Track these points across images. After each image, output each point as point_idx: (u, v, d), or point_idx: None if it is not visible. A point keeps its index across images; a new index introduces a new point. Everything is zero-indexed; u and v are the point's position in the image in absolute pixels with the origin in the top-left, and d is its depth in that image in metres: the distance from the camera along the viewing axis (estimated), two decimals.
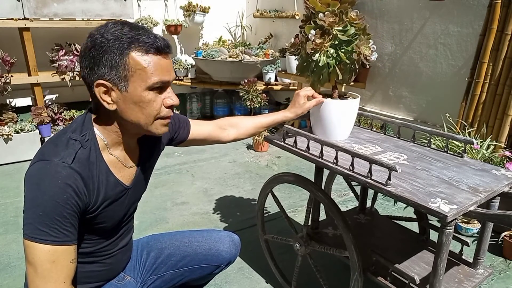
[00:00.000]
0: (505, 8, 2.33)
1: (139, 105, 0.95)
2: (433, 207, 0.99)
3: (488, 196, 1.07)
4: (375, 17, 3.30)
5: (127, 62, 0.91)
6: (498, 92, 2.36)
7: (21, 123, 3.25)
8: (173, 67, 0.99)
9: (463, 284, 1.26)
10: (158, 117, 0.98)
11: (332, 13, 1.28)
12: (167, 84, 0.97)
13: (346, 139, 1.50)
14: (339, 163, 1.24)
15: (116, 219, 1.08)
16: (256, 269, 1.86)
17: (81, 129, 0.99)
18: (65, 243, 0.90)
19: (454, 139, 1.38)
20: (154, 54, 0.93)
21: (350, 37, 1.31)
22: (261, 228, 1.74)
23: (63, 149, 0.93)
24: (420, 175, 1.19)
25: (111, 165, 1.02)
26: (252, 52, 4.12)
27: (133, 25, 0.96)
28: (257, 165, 3.13)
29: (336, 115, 1.40)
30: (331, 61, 1.32)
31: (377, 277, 1.31)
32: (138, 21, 4.07)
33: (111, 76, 0.92)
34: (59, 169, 0.89)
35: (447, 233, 1.02)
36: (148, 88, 0.94)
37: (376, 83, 3.39)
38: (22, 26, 3.23)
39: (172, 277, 1.30)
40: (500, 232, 1.99)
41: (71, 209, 0.90)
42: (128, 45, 0.91)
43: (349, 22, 1.31)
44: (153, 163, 1.21)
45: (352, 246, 1.27)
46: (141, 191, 1.19)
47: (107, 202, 1.01)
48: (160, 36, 0.96)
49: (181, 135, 1.31)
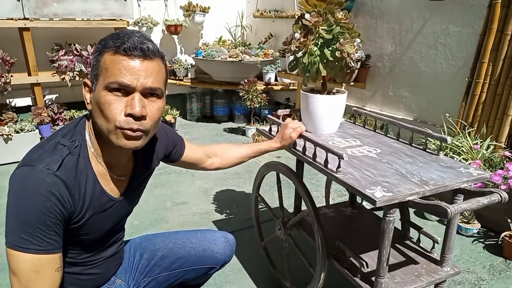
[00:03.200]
0: (505, 8, 2.33)
1: (98, 106, 0.89)
2: (367, 193, 1.05)
3: (437, 189, 1.09)
4: (375, 17, 3.30)
5: (100, 61, 0.90)
6: (498, 92, 2.36)
7: (21, 123, 3.25)
8: (153, 74, 0.90)
9: (421, 277, 1.27)
10: (117, 125, 0.89)
11: (317, 14, 1.35)
12: (128, 88, 0.88)
13: (334, 133, 1.57)
14: (306, 153, 1.34)
15: (102, 231, 1.04)
16: (256, 269, 1.86)
17: (72, 134, 0.95)
18: (49, 252, 0.87)
19: (430, 136, 1.40)
20: (122, 54, 0.87)
21: (334, 36, 1.37)
22: (255, 209, 1.75)
23: (50, 154, 0.89)
24: (380, 167, 1.24)
25: (99, 175, 0.98)
26: (252, 52, 4.12)
27: (130, 30, 0.93)
28: (257, 165, 3.13)
29: (323, 109, 1.49)
30: (315, 59, 1.39)
31: (338, 262, 1.38)
32: (138, 21, 4.07)
33: (91, 75, 0.92)
34: (43, 176, 0.85)
35: (387, 220, 1.09)
36: (106, 88, 0.88)
37: (376, 83, 3.39)
38: (22, 26, 3.24)
39: (166, 278, 1.28)
40: (500, 232, 1.99)
41: (55, 218, 0.86)
42: (104, 45, 0.90)
43: (335, 22, 1.37)
44: (146, 178, 1.18)
45: (318, 232, 1.35)
46: (132, 204, 1.15)
47: (92, 212, 0.97)
48: (145, 40, 0.90)
49: (175, 154, 1.29)
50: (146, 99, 0.91)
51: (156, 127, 0.98)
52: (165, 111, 3.85)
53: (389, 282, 1.24)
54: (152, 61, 0.90)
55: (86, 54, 3.49)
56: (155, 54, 0.91)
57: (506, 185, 1.95)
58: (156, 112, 0.93)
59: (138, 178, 1.11)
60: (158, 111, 0.94)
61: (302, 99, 1.53)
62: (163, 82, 0.95)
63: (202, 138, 3.90)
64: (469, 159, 2.18)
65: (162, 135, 1.21)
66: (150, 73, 0.90)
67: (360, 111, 1.73)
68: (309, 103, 1.48)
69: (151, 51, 0.90)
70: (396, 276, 1.28)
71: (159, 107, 0.94)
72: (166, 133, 1.24)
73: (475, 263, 1.91)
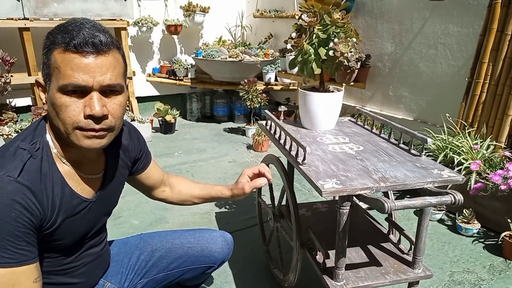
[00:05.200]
0: (505, 8, 2.33)
1: (54, 109, 0.83)
2: (318, 184, 1.11)
3: (394, 187, 1.13)
4: (375, 17, 3.30)
5: (51, 59, 0.83)
6: (498, 92, 2.36)
7: (21, 123, 3.25)
8: (110, 69, 0.83)
9: (386, 276, 1.28)
10: (76, 127, 0.83)
11: (313, 14, 1.38)
12: (84, 88, 0.81)
13: (329, 130, 1.62)
14: (286, 146, 1.39)
15: (77, 235, 0.98)
16: (257, 269, 1.86)
17: (32, 137, 0.89)
18: (23, 263, 0.81)
19: (414, 137, 1.40)
20: (72, 52, 0.80)
21: (328, 36, 1.40)
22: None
23: (10, 160, 0.83)
24: (350, 163, 1.28)
25: (67, 176, 0.92)
26: (252, 52, 4.12)
27: (79, 20, 0.85)
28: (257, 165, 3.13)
29: (319, 107, 1.54)
30: (310, 58, 1.43)
31: (309, 253, 1.42)
32: (138, 21, 4.07)
33: (43, 74, 0.87)
34: (4, 184, 0.79)
35: (341, 212, 1.15)
36: (60, 91, 0.81)
37: (376, 83, 3.39)
38: (22, 26, 3.24)
39: (164, 278, 1.27)
40: (500, 232, 1.99)
41: (23, 227, 0.80)
42: (53, 41, 0.83)
43: (331, 22, 1.39)
44: (122, 176, 1.11)
45: (294, 223, 1.41)
46: (109, 205, 1.09)
47: (63, 216, 0.90)
48: (96, 32, 0.82)
49: (141, 164, 1.21)
50: (105, 97, 0.85)
51: (121, 123, 0.92)
52: (164, 111, 3.84)
53: (350, 275, 1.28)
54: (107, 56, 0.83)
55: None
56: (109, 47, 0.83)
57: (506, 185, 1.95)
58: (118, 108, 0.87)
59: (112, 175, 1.05)
60: (120, 107, 0.88)
61: (300, 97, 1.57)
62: (121, 76, 0.88)
63: (202, 138, 3.90)
64: (469, 159, 2.18)
65: (135, 138, 1.17)
66: (106, 69, 0.83)
67: (362, 110, 1.74)
68: (306, 100, 1.53)
69: (104, 44, 0.82)
70: (361, 271, 1.31)
71: (120, 102, 0.88)
72: (138, 138, 1.19)
73: (475, 263, 1.91)
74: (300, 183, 2.78)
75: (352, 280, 1.26)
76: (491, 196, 2.05)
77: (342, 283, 1.23)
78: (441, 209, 2.30)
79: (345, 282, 1.24)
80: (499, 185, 1.97)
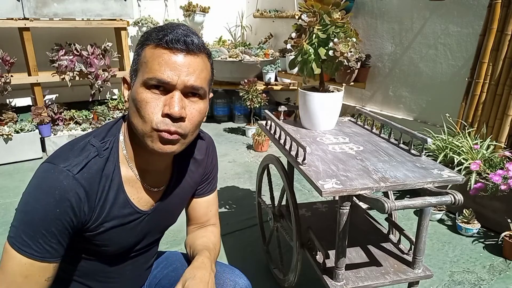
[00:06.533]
0: (505, 8, 2.33)
1: (135, 105, 0.82)
2: (318, 184, 1.11)
3: (394, 187, 1.13)
4: (375, 17, 3.30)
5: (141, 55, 0.82)
6: (498, 92, 2.36)
7: (21, 123, 3.24)
8: (196, 71, 0.81)
9: (386, 276, 1.28)
10: (153, 127, 0.80)
11: (313, 14, 1.38)
12: (167, 85, 0.79)
13: (329, 130, 1.62)
14: (286, 146, 1.39)
15: (122, 245, 0.93)
16: (256, 269, 1.86)
17: (105, 135, 0.87)
18: (44, 260, 0.79)
19: (414, 137, 1.41)
20: (163, 48, 0.79)
21: (328, 36, 1.40)
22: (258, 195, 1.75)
23: (76, 154, 0.81)
24: (350, 163, 1.27)
25: (127, 182, 0.88)
26: (252, 52, 4.12)
27: (177, 23, 0.85)
28: (257, 165, 3.13)
29: (319, 107, 1.54)
30: (310, 58, 1.43)
31: (309, 252, 1.42)
32: (138, 21, 4.07)
33: (130, 71, 0.86)
34: (61, 178, 0.77)
35: (341, 212, 1.15)
36: (144, 85, 0.80)
37: (376, 83, 3.39)
38: (22, 26, 3.23)
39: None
40: (500, 232, 1.99)
41: (62, 226, 0.78)
42: (147, 37, 0.82)
43: (331, 22, 1.39)
44: (186, 194, 1.03)
45: (294, 223, 1.41)
46: (165, 221, 1.02)
47: (112, 223, 0.87)
48: (189, 33, 0.81)
49: (202, 188, 1.09)
50: (186, 99, 0.82)
51: (196, 131, 0.87)
52: None
53: (350, 275, 1.28)
54: (196, 57, 0.81)
55: (86, 54, 3.49)
56: (199, 49, 0.82)
57: (506, 185, 1.95)
58: (196, 114, 0.83)
59: (175, 191, 0.98)
60: (199, 114, 0.84)
61: (300, 97, 1.57)
62: (207, 82, 0.85)
63: None
64: (469, 159, 2.18)
65: (210, 155, 1.08)
66: (192, 70, 0.80)
67: (362, 110, 1.75)
68: (306, 100, 1.54)
69: (195, 45, 0.81)
70: (361, 271, 1.31)
71: (200, 109, 0.84)
72: (213, 158, 1.09)
73: (475, 263, 1.91)
74: (300, 183, 2.78)
75: (352, 280, 1.26)
76: (491, 196, 2.05)
77: (342, 283, 1.23)
78: (441, 209, 2.30)
79: (345, 282, 1.24)
80: (499, 185, 1.97)
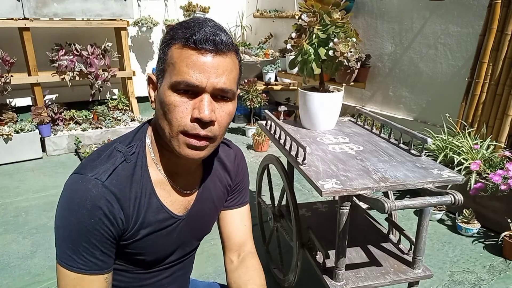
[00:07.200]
0: (505, 8, 2.33)
1: (162, 108, 0.78)
2: (318, 184, 1.11)
3: (394, 187, 1.13)
4: (375, 17, 3.30)
5: (167, 54, 0.78)
6: (498, 92, 2.36)
7: (21, 123, 3.25)
8: (226, 73, 0.78)
9: (386, 276, 1.29)
10: (181, 130, 0.77)
11: (313, 14, 1.39)
12: (196, 88, 0.75)
13: (329, 130, 1.62)
14: (286, 146, 1.40)
15: (159, 254, 0.89)
16: None
17: (131, 139, 0.84)
18: (93, 273, 0.77)
19: (414, 137, 1.41)
20: (191, 48, 0.75)
21: (328, 36, 1.41)
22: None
23: (103, 162, 0.79)
24: (350, 163, 1.28)
25: (158, 186, 0.84)
26: (252, 52, 4.12)
27: (201, 18, 0.80)
28: (257, 165, 3.13)
29: (319, 107, 1.54)
30: (310, 58, 1.43)
31: (309, 253, 1.43)
32: (138, 21, 4.07)
33: (157, 70, 0.82)
34: (90, 187, 0.75)
35: (341, 212, 1.16)
36: (171, 87, 0.76)
37: (376, 83, 3.39)
38: (22, 26, 3.24)
39: None
40: (500, 232, 1.99)
41: (101, 236, 0.76)
42: (173, 36, 0.78)
43: (331, 22, 1.39)
44: (218, 199, 0.98)
45: (294, 223, 1.42)
46: (200, 228, 0.97)
47: (147, 230, 0.83)
48: (218, 31, 0.77)
49: (234, 199, 1.03)
50: (215, 102, 0.78)
51: (224, 134, 0.84)
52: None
53: (350, 275, 1.28)
54: (225, 57, 0.77)
55: (86, 54, 3.49)
56: (229, 48, 0.78)
57: (506, 185, 1.95)
58: (225, 116, 0.80)
59: (208, 194, 0.95)
60: (228, 116, 0.81)
61: (300, 97, 1.57)
62: (235, 82, 0.82)
63: None
64: (469, 159, 2.18)
65: (238, 163, 1.03)
66: (222, 72, 0.77)
67: (362, 110, 1.75)
68: (306, 100, 1.54)
69: (224, 44, 0.76)
70: (361, 271, 1.31)
71: (229, 111, 0.81)
72: (242, 166, 1.04)
73: (475, 263, 1.91)
74: (300, 183, 2.78)
75: (352, 280, 1.26)
76: (491, 196, 2.05)
77: (342, 283, 1.24)
78: (441, 209, 2.30)
79: (345, 282, 1.24)
80: (499, 185, 1.97)
